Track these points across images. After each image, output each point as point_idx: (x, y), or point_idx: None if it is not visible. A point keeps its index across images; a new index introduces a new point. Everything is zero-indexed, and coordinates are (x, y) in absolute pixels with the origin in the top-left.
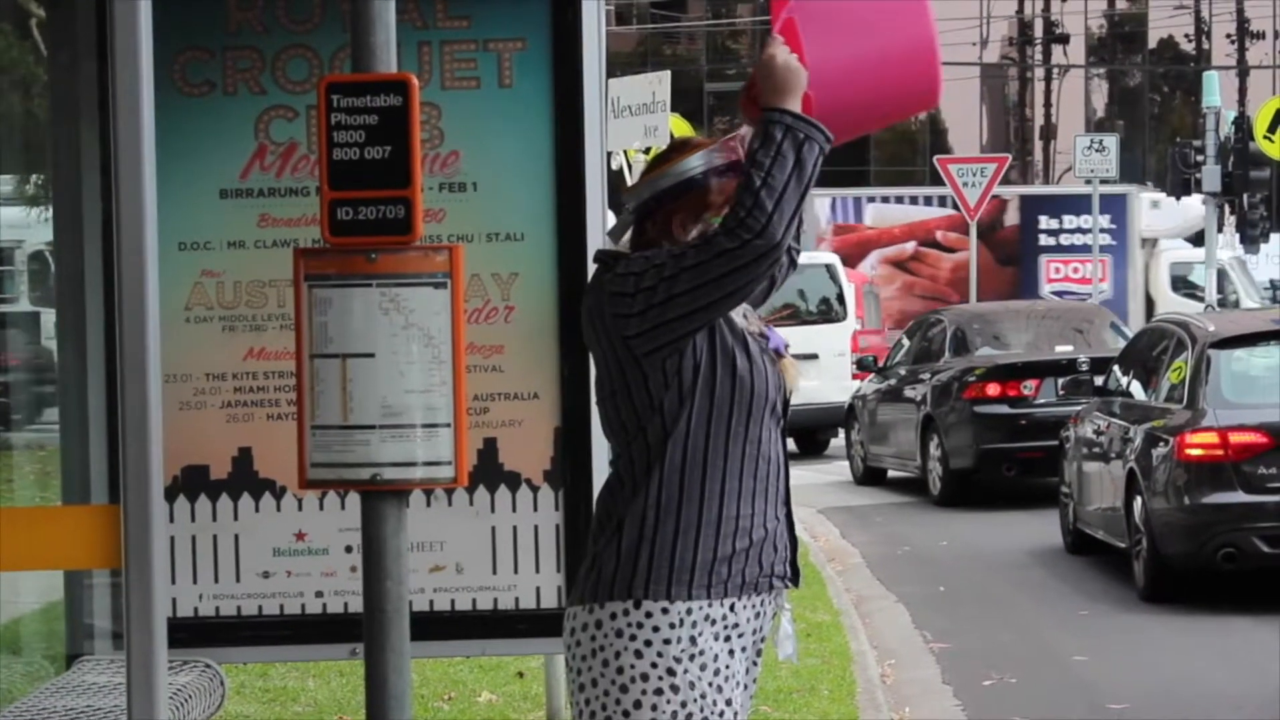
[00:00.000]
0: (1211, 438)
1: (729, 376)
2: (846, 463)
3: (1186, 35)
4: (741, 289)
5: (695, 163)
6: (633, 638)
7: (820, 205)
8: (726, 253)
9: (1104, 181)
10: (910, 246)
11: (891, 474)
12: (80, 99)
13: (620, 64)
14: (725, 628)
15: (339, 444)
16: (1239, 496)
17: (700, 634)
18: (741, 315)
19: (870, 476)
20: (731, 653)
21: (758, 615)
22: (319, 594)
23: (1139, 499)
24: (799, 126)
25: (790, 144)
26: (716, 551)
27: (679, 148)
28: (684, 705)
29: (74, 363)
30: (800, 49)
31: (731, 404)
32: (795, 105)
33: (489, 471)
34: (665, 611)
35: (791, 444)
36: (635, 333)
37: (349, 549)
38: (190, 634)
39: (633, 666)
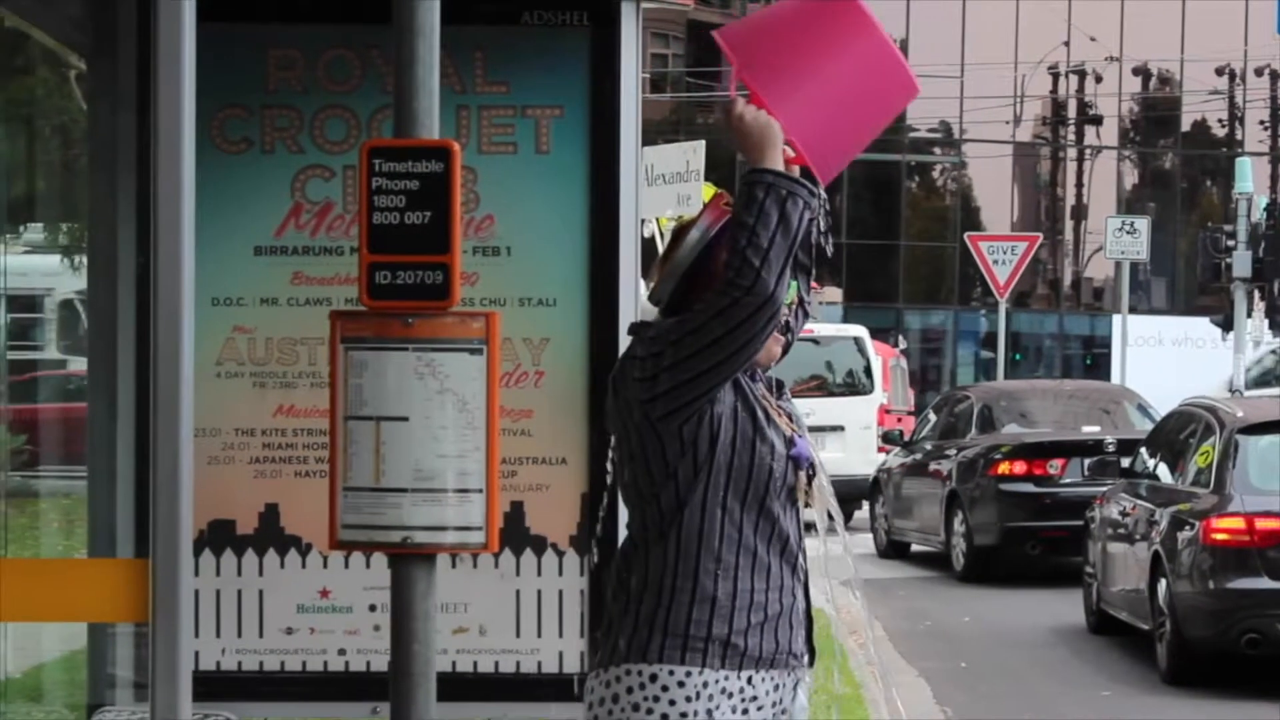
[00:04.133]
0: (1238, 523)
1: (748, 452)
2: (870, 535)
3: (1220, 120)
4: (744, 347)
5: (694, 237)
6: (649, 711)
7: None
8: (722, 312)
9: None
10: None
11: (915, 548)
12: (118, 150)
13: (653, 132)
14: (743, 700)
15: (370, 506)
16: (1264, 583)
17: (718, 707)
18: (779, 412)
19: (894, 550)
20: None
21: (777, 688)
22: (341, 651)
23: (1163, 581)
24: (780, 184)
25: (773, 201)
26: (732, 624)
27: (677, 235)
28: None
29: (104, 414)
30: (762, 102)
31: (749, 480)
32: (776, 160)
33: (515, 535)
34: (681, 685)
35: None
36: (649, 397)
37: (373, 608)
38: (212, 687)
39: None
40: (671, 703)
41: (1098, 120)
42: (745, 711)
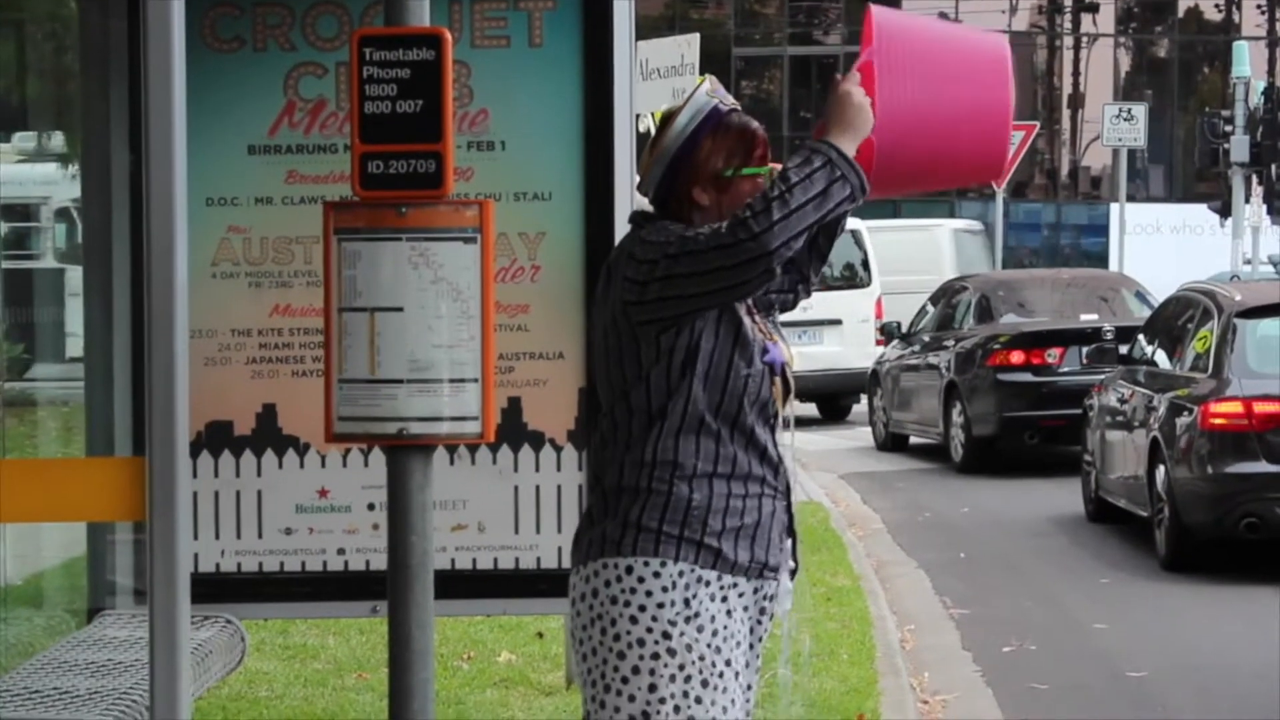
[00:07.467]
0: (1236, 407)
1: (725, 364)
2: (869, 429)
3: (1216, 5)
4: (731, 288)
5: (679, 124)
6: (627, 603)
7: None
8: (722, 246)
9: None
10: None
11: (914, 440)
12: (110, 54)
13: (648, 27)
14: (721, 588)
15: (366, 398)
16: (1262, 466)
17: (694, 595)
18: (751, 320)
19: (892, 442)
20: (729, 613)
21: (760, 574)
22: (340, 551)
23: (1162, 468)
24: (840, 164)
25: (824, 175)
26: (705, 527)
27: (664, 122)
28: (682, 668)
29: (100, 318)
30: (873, 93)
31: (724, 389)
32: (851, 147)
33: (513, 430)
34: (657, 575)
35: (814, 409)
36: (634, 299)
37: (371, 506)
38: (211, 590)
39: (629, 632)
40: (649, 594)
41: (1094, 7)
42: (725, 599)
